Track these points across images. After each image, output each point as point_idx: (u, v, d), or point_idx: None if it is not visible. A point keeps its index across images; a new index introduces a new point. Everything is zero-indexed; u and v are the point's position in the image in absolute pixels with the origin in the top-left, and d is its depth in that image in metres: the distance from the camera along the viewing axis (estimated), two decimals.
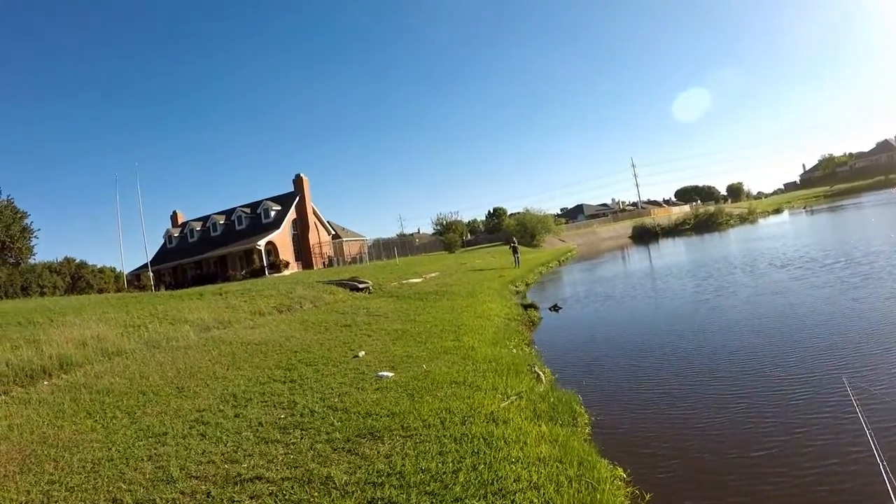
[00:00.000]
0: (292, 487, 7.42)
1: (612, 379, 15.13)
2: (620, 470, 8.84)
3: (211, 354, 16.13)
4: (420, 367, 13.86)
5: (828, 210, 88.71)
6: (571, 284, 41.60)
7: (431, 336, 18.26)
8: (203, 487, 7.59)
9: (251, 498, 7.19)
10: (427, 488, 7.26)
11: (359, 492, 7.20)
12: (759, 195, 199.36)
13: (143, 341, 17.34)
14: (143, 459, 8.72)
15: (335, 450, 8.67)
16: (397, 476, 7.61)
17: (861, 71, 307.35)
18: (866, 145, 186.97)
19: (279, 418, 10.38)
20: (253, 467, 8.10)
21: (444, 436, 9.05)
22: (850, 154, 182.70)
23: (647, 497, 8.21)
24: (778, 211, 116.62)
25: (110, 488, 7.72)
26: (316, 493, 7.20)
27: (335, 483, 7.45)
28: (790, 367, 13.35)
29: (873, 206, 74.64)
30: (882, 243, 32.37)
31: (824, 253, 32.64)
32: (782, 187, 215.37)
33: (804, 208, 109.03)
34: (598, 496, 7.34)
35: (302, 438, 9.25)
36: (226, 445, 9.11)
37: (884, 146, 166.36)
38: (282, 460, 8.34)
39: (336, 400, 11.38)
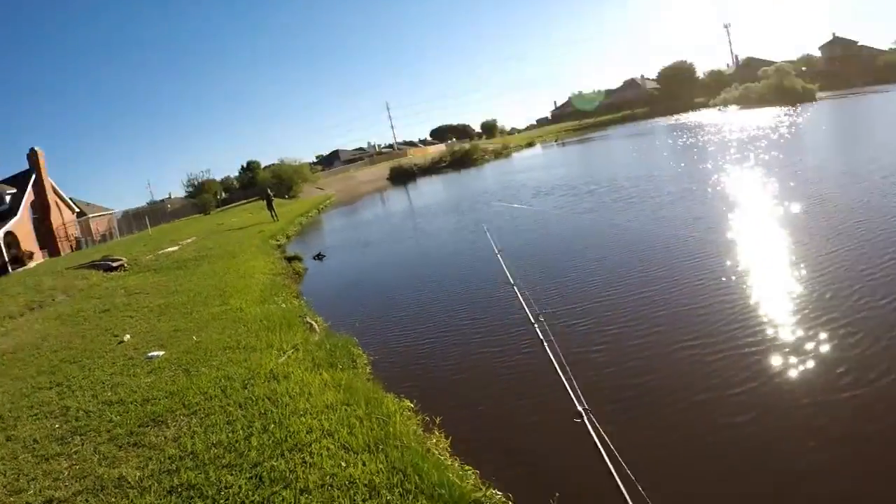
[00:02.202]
0: (87, 500, 7.14)
1: (385, 317, 15.81)
2: (407, 401, 9.38)
3: None
4: (190, 340, 13.62)
5: (577, 142, 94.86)
6: (333, 232, 41.91)
7: (197, 305, 17.87)
8: None
9: None
10: (223, 462, 7.32)
11: (156, 484, 7.11)
12: (513, 131, 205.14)
13: None
14: None
15: (121, 447, 8.42)
16: (191, 457, 7.59)
17: (612, 12, 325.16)
18: (615, 83, 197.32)
19: (54, 429, 9.81)
20: (41, 491, 7.65)
21: (229, 404, 9.10)
22: (599, 91, 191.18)
23: (438, 420, 8.73)
24: (531, 145, 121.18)
25: None
26: (113, 499, 7.00)
27: (129, 482, 7.28)
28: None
29: (620, 139, 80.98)
30: (638, 171, 35.26)
31: (585, 181, 34.89)
32: (535, 123, 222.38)
33: (555, 142, 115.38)
34: (391, 429, 7.67)
35: (83, 444, 8.84)
36: (5, 476, 8.46)
37: (630, 84, 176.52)
38: (68, 474, 7.95)
39: (109, 393, 10.94)
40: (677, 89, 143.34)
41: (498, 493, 6.67)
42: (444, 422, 8.75)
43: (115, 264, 30.51)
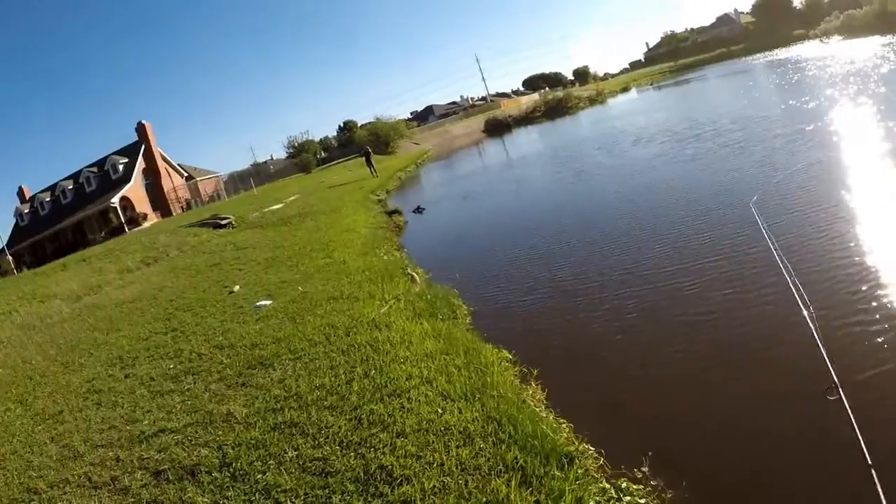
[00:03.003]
0: (196, 432, 7.56)
1: (485, 269, 15.75)
2: (506, 352, 9.37)
3: (87, 323, 15.91)
4: (296, 290, 13.93)
5: (674, 85, 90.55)
6: (431, 186, 41.90)
7: (302, 258, 18.19)
8: (111, 454, 7.64)
9: (159, 451, 7.30)
10: (325, 403, 7.53)
11: (261, 421, 7.41)
12: (606, 76, 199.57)
13: (17, 326, 16.96)
14: (46, 443, 8.67)
15: (229, 386, 8.84)
16: (294, 398, 7.85)
17: None
18: (707, 20, 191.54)
19: (169, 369, 10.43)
20: (154, 422, 8.18)
21: (332, 350, 9.32)
22: (692, 29, 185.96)
23: (535, 372, 8.67)
24: (626, 89, 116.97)
25: (21, 479, 7.67)
26: (220, 432, 7.38)
27: (237, 418, 7.64)
28: (658, 242, 13.89)
29: (717, 79, 76.60)
30: (743, 113, 32.60)
31: (687, 125, 32.81)
32: (628, 66, 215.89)
33: (651, 84, 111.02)
34: (489, 379, 7.69)
35: (195, 383, 9.35)
36: (123, 408, 9.13)
37: (724, 20, 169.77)
38: (180, 408, 8.44)
39: (220, 338, 11.47)
40: (774, 22, 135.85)
41: (590, 448, 6.58)
42: (541, 373, 8.68)
43: (223, 222, 31.55)
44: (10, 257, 52.50)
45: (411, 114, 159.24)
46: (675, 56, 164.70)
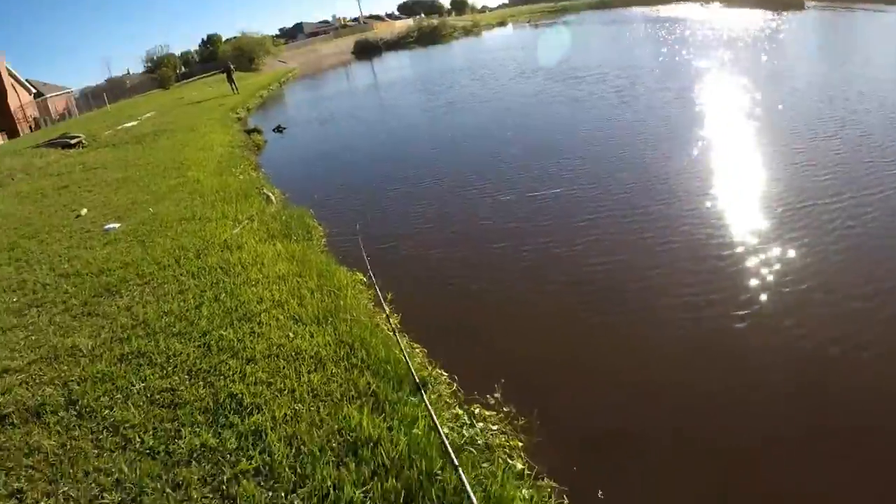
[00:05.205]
0: (41, 369, 7.26)
1: (344, 190, 15.84)
2: (360, 274, 9.55)
3: None
4: (147, 212, 13.67)
5: (551, 25, 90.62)
6: (295, 106, 41.60)
7: (154, 177, 17.84)
8: None
9: (2, 394, 6.93)
10: (173, 330, 7.47)
11: (107, 352, 7.24)
12: (484, 9, 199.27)
13: None
14: None
15: (75, 317, 8.55)
16: (142, 326, 7.73)
17: None
18: None
19: (11, 303, 9.84)
20: None
21: (181, 274, 9.25)
22: None
23: (390, 296, 8.78)
24: (502, 24, 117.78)
25: None
26: (65, 367, 7.13)
27: (82, 351, 7.41)
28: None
29: (597, 25, 77.31)
30: (630, 62, 33.11)
31: (570, 66, 33.19)
32: (506, 2, 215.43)
33: (528, 22, 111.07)
34: (342, 302, 7.81)
35: (39, 316, 8.94)
36: None
37: None
38: (24, 345, 8.04)
39: (66, 266, 11.00)
40: None
41: (444, 373, 6.82)
42: (396, 297, 8.83)
43: (73, 141, 30.15)
44: None
45: (279, 31, 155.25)
46: None
